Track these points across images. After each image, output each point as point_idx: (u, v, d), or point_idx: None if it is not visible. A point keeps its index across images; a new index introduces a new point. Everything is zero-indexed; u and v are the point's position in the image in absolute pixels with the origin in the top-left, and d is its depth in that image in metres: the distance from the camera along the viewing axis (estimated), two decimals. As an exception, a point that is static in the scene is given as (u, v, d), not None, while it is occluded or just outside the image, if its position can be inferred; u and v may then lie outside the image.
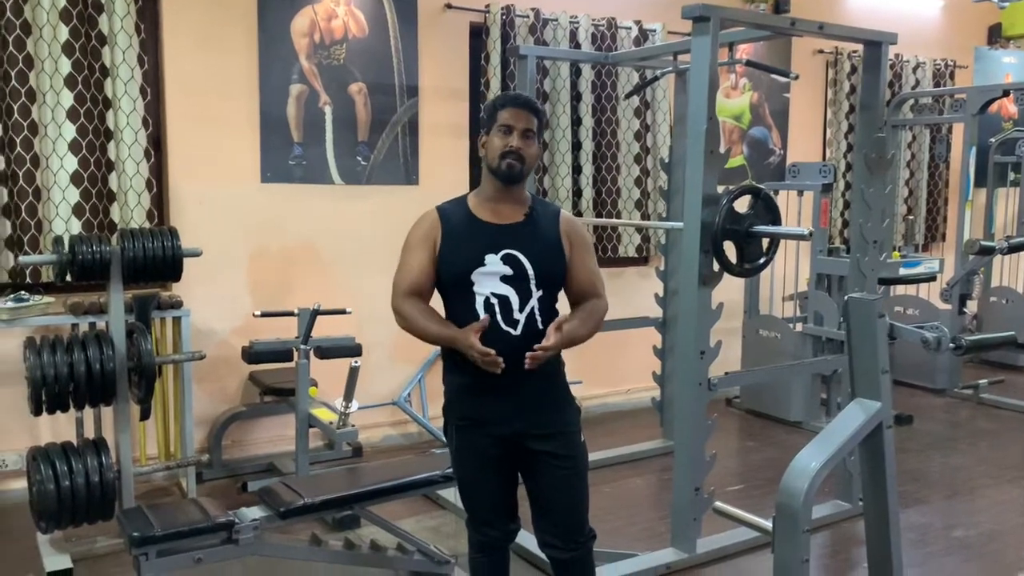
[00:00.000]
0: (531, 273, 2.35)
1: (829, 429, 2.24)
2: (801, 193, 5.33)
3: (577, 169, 5.27)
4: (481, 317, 2.31)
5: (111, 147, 4.04)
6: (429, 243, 2.39)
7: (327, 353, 4.07)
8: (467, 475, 2.47)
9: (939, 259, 5.91)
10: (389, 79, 4.72)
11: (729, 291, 4.26)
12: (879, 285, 3.84)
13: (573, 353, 2.51)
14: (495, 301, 2.33)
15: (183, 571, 2.69)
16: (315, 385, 4.07)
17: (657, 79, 4.88)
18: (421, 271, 2.39)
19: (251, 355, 4.09)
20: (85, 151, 3.97)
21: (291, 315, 3.99)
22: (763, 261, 3.41)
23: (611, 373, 5.51)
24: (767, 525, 2.21)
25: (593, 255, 2.53)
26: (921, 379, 6.16)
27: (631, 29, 5.32)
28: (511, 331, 2.32)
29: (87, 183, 3.99)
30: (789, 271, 5.56)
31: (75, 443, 3.27)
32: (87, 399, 3.26)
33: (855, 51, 6.31)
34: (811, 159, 6.20)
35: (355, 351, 4.10)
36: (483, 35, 4.92)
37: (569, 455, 2.41)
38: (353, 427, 3.58)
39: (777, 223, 3.37)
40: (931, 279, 5.83)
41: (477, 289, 2.33)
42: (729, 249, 3.30)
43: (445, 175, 4.87)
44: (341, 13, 4.55)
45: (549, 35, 5.07)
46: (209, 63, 4.27)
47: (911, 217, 6.76)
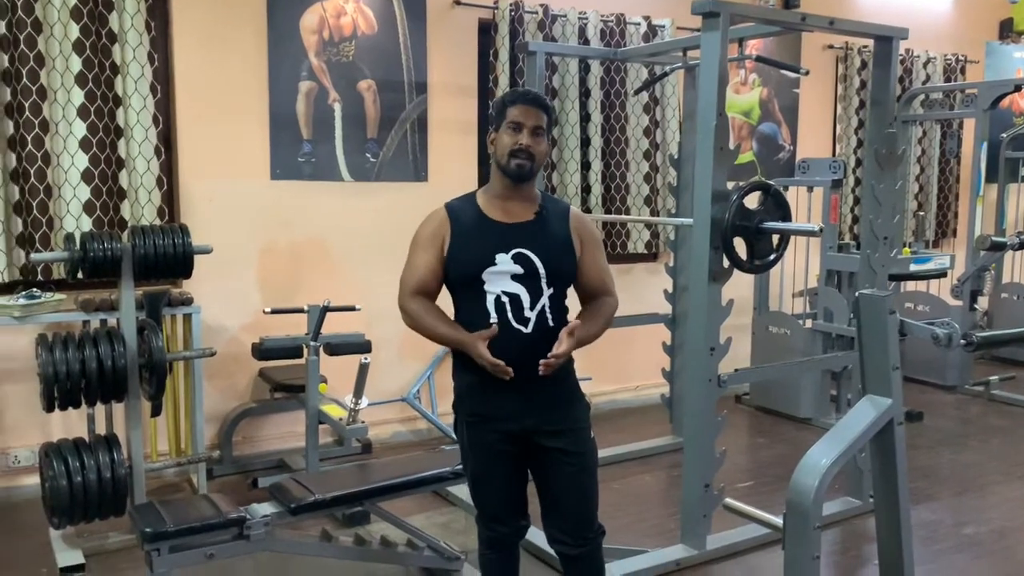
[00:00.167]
0: (542, 271, 2.35)
1: (840, 426, 2.24)
2: (811, 189, 5.32)
3: (586, 165, 5.27)
4: (492, 315, 2.32)
5: (121, 145, 4.06)
6: (437, 242, 2.39)
7: (337, 350, 4.08)
8: (477, 471, 2.47)
9: (950, 255, 5.89)
10: (398, 76, 4.72)
11: (739, 287, 4.25)
12: (889, 281, 3.83)
13: (582, 350, 2.51)
14: (506, 299, 2.33)
15: (195, 567, 2.70)
16: (325, 382, 4.08)
17: (666, 75, 4.86)
18: (429, 270, 2.39)
19: (261, 352, 4.10)
20: (96, 149, 3.99)
21: (301, 312, 4.00)
22: (773, 258, 3.41)
23: (620, 370, 5.50)
24: (777, 522, 2.21)
25: (603, 252, 2.53)
26: (932, 376, 6.13)
27: (640, 25, 5.31)
28: (522, 329, 2.32)
29: (98, 181, 4.01)
30: (799, 267, 5.54)
31: (87, 439, 3.29)
32: (99, 395, 3.28)
33: (865, 46, 6.28)
34: (821, 155, 6.18)
35: (365, 348, 4.11)
36: (492, 31, 4.92)
37: (579, 451, 2.41)
38: (363, 423, 3.59)
39: (787, 219, 3.37)
40: (942, 275, 5.80)
41: (488, 288, 2.33)
42: (739, 245, 3.30)
43: (454, 172, 4.87)
44: (350, 10, 4.56)
45: (558, 31, 5.06)
46: (219, 60, 4.28)
47: (922, 213, 6.73)
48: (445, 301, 2.46)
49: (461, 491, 3.71)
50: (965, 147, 6.92)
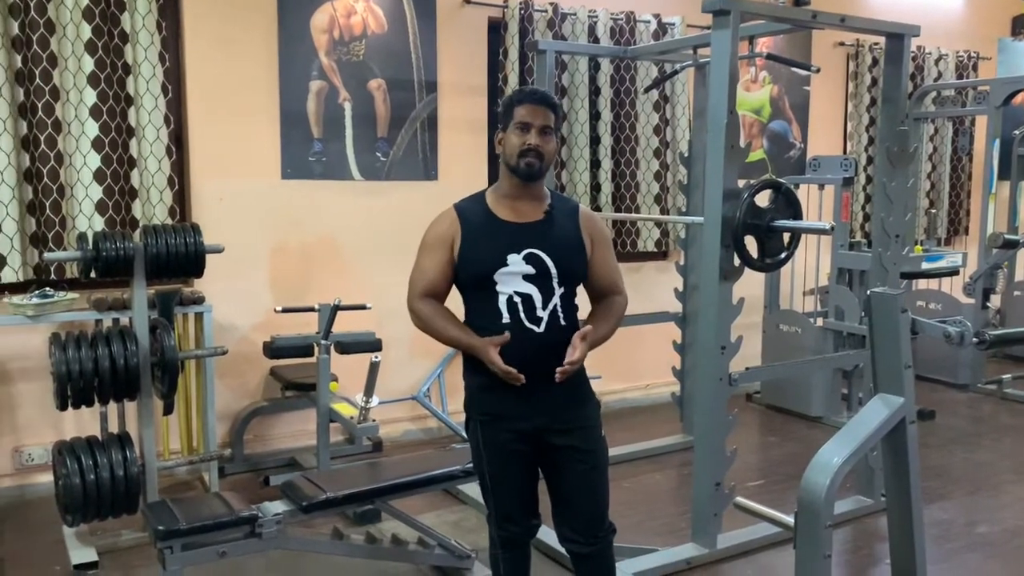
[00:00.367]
0: (554, 271, 2.35)
1: (851, 424, 2.23)
2: (822, 187, 5.30)
3: (596, 164, 5.26)
4: (504, 316, 2.32)
5: (133, 144, 4.08)
6: (447, 243, 2.40)
7: (347, 348, 4.09)
8: (489, 470, 2.47)
9: (962, 253, 5.86)
10: (408, 75, 4.73)
11: (749, 286, 4.23)
12: (901, 279, 3.81)
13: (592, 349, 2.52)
14: (518, 300, 2.33)
15: (207, 564, 2.71)
16: (336, 380, 4.09)
17: (676, 73, 4.86)
18: (438, 271, 2.40)
19: (272, 350, 4.12)
20: (108, 148, 4.01)
21: (312, 311, 4.01)
22: (784, 256, 3.40)
23: (630, 368, 5.50)
24: (789, 520, 2.21)
25: (612, 250, 2.53)
26: (944, 374, 6.11)
27: (650, 23, 5.30)
28: (534, 328, 2.33)
29: (110, 180, 4.03)
30: (810, 265, 5.53)
31: (100, 437, 3.31)
32: (111, 394, 3.29)
33: (877, 43, 6.25)
34: (832, 152, 6.16)
35: (375, 346, 4.12)
36: (501, 30, 4.92)
37: (589, 449, 2.42)
38: (373, 422, 3.60)
39: (798, 217, 3.36)
40: (954, 273, 5.77)
41: (500, 288, 2.34)
42: (750, 244, 3.29)
43: (464, 171, 4.87)
44: (360, 9, 4.56)
45: (567, 29, 5.06)
46: (229, 60, 4.29)
47: (933, 211, 6.70)
48: (454, 301, 2.46)
49: (472, 489, 3.71)
50: (977, 144, 6.87)
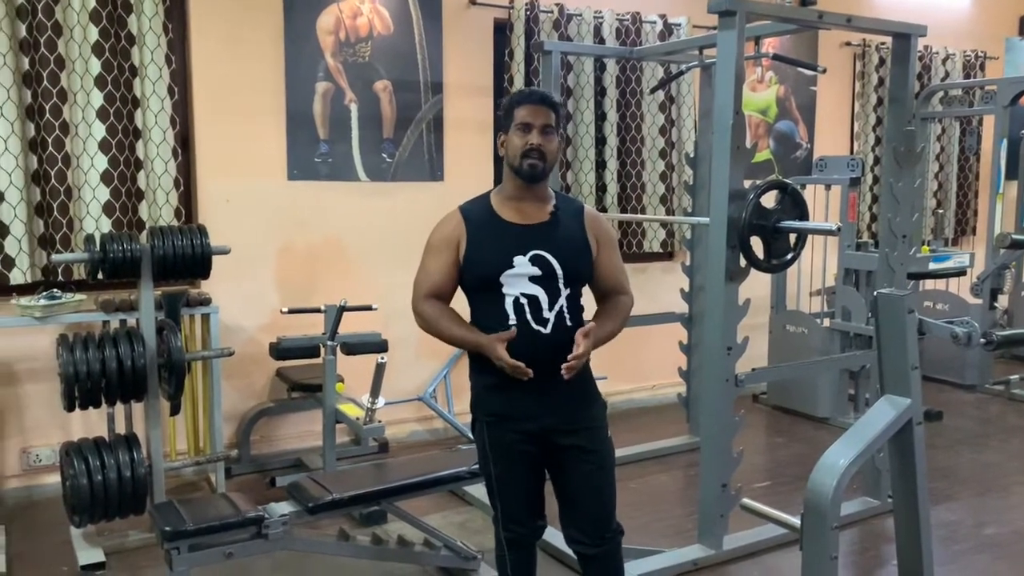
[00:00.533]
0: (559, 273, 2.35)
1: (858, 425, 2.22)
2: (829, 187, 5.29)
3: (601, 164, 5.26)
4: (511, 317, 2.32)
5: (140, 146, 4.09)
6: (452, 245, 2.40)
7: (354, 349, 4.10)
8: (495, 471, 2.47)
9: (969, 253, 5.84)
10: (414, 76, 4.73)
11: (756, 286, 4.24)
12: (908, 280, 3.80)
13: (598, 349, 2.51)
14: (524, 301, 2.33)
15: (213, 565, 2.72)
16: (342, 381, 4.09)
17: (682, 74, 4.85)
18: (443, 273, 2.40)
19: (279, 351, 4.12)
20: (115, 150, 4.02)
21: (318, 312, 4.02)
22: (790, 257, 3.39)
23: (636, 369, 5.49)
24: (795, 522, 2.20)
25: (617, 250, 2.53)
26: (951, 375, 6.09)
27: (656, 23, 5.30)
28: (541, 330, 2.33)
29: (117, 182, 4.04)
30: (816, 266, 5.52)
31: (107, 438, 3.32)
32: (118, 395, 3.30)
33: (883, 43, 6.23)
34: (839, 153, 6.15)
35: (381, 347, 4.12)
36: (507, 31, 4.92)
37: (596, 449, 2.42)
38: (379, 423, 3.61)
39: (804, 218, 3.35)
40: (961, 273, 5.75)
41: (506, 290, 2.34)
42: (756, 244, 3.28)
43: (470, 171, 4.88)
44: (366, 11, 4.57)
45: (573, 30, 5.06)
46: (236, 61, 4.30)
47: (941, 211, 6.67)
48: (459, 304, 2.47)
49: (478, 491, 3.72)
50: (985, 144, 6.85)
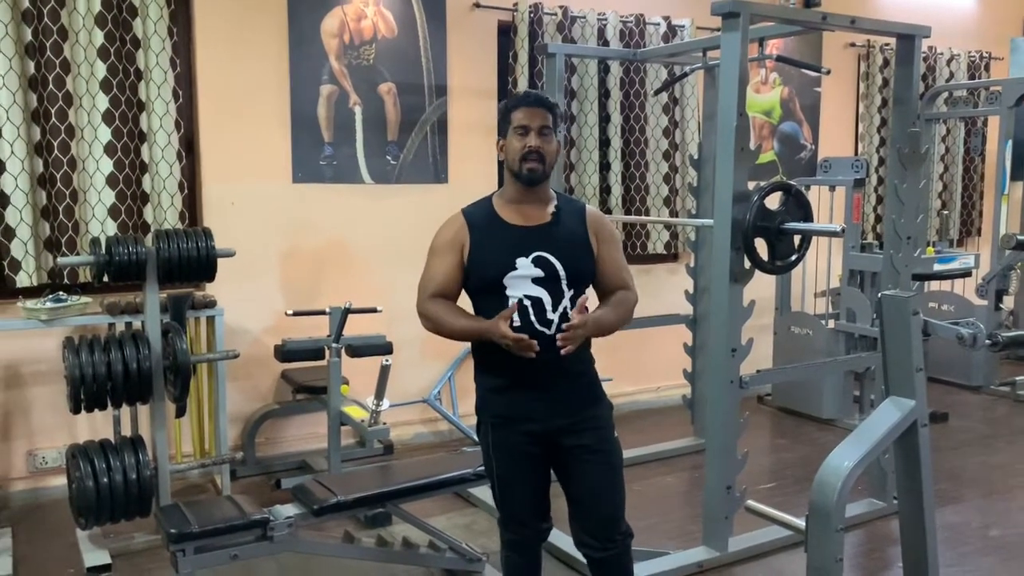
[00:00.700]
0: (562, 274, 2.35)
1: (863, 427, 2.22)
2: (833, 188, 5.28)
3: (605, 166, 5.26)
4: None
5: (145, 149, 4.10)
6: (456, 247, 2.40)
7: (358, 351, 4.10)
8: (501, 473, 2.47)
9: (974, 254, 5.82)
10: (418, 79, 4.74)
11: (760, 288, 4.23)
12: (913, 281, 3.80)
13: (603, 350, 2.52)
14: (528, 303, 2.33)
15: (219, 567, 2.72)
16: (347, 383, 4.10)
17: (686, 75, 4.85)
18: (448, 275, 2.40)
19: (283, 353, 4.13)
20: (120, 153, 4.03)
21: (323, 314, 4.03)
22: (795, 258, 3.39)
23: (641, 370, 5.49)
24: (800, 524, 2.20)
25: (620, 249, 2.53)
26: (957, 376, 6.07)
27: (659, 25, 5.30)
28: (546, 331, 2.33)
29: (122, 185, 4.05)
30: (821, 267, 5.51)
31: (113, 441, 3.33)
32: (124, 397, 3.31)
33: (888, 44, 6.23)
34: (843, 154, 6.14)
35: (386, 349, 4.13)
36: (511, 33, 4.93)
37: (602, 449, 2.41)
38: (384, 425, 3.61)
39: (809, 219, 3.35)
40: (966, 275, 5.74)
41: (510, 292, 2.34)
42: (760, 246, 3.28)
43: (474, 174, 4.88)
44: (370, 13, 4.58)
45: (577, 32, 5.06)
46: (240, 65, 4.31)
47: (946, 212, 6.66)
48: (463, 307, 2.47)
49: (483, 493, 3.72)
50: (990, 145, 6.83)
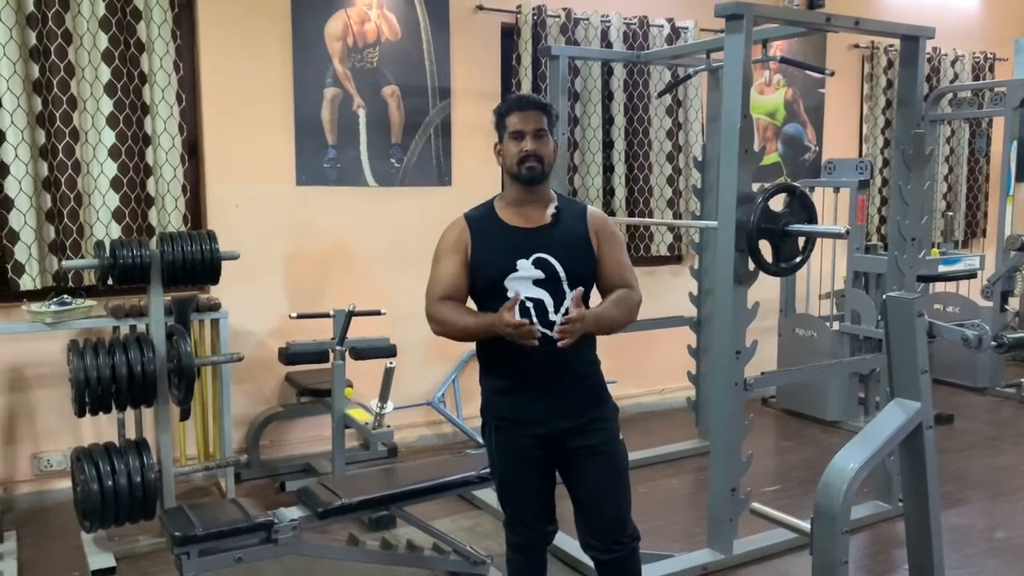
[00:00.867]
0: (563, 275, 2.35)
1: (868, 429, 2.22)
2: (837, 190, 5.27)
3: (609, 168, 5.26)
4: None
5: (149, 152, 4.11)
6: (460, 249, 2.40)
7: (362, 354, 4.10)
8: (506, 475, 2.47)
9: (979, 255, 5.81)
10: (422, 81, 4.74)
11: (764, 290, 4.22)
12: (918, 283, 3.79)
13: (607, 352, 2.51)
14: (530, 305, 2.33)
15: (223, 570, 2.73)
16: (351, 386, 4.10)
17: (690, 77, 4.85)
18: (455, 276, 2.40)
19: (288, 356, 4.14)
20: (124, 157, 4.04)
21: (327, 317, 4.03)
22: (799, 260, 3.38)
23: (645, 373, 5.48)
24: (805, 526, 2.20)
25: (623, 248, 2.50)
26: (962, 378, 6.06)
27: (663, 27, 5.30)
28: (547, 332, 2.31)
29: (126, 188, 4.06)
30: (825, 269, 5.50)
31: (117, 444, 3.33)
32: (129, 400, 3.32)
33: (892, 45, 6.22)
34: (847, 155, 6.13)
35: (390, 352, 4.13)
36: (514, 36, 4.93)
37: (608, 451, 2.40)
38: (388, 427, 3.60)
39: (813, 221, 3.34)
40: (971, 276, 5.73)
41: (511, 295, 2.33)
42: (764, 248, 3.28)
43: (478, 176, 4.88)
44: (374, 16, 4.59)
45: (580, 34, 5.06)
46: (244, 68, 4.32)
47: (950, 213, 6.65)
48: (469, 307, 2.46)
49: (487, 495, 3.72)
50: (995, 146, 6.82)
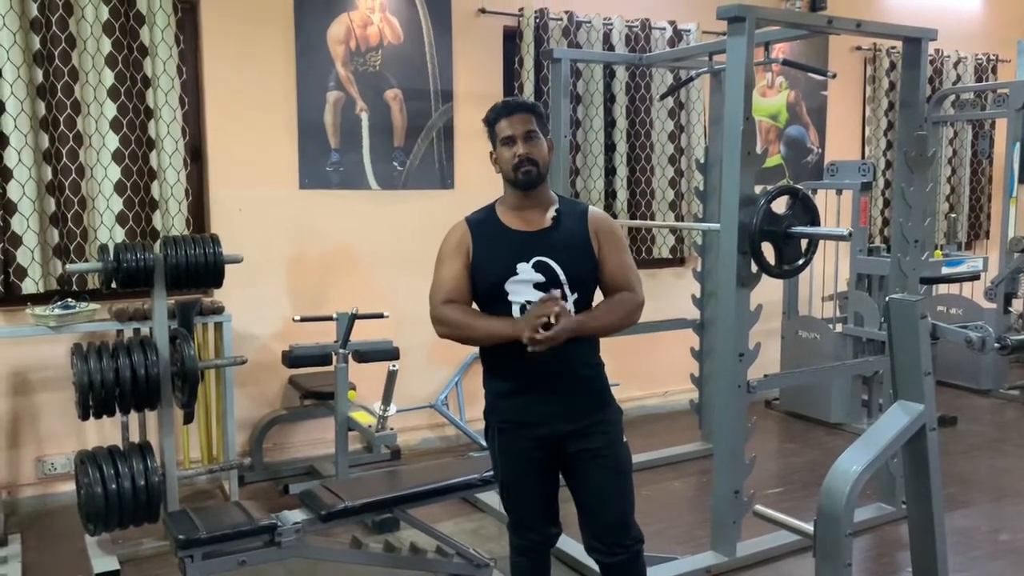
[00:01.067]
0: (563, 278, 2.34)
1: (871, 432, 2.22)
2: (840, 192, 5.27)
3: (611, 171, 5.26)
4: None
5: (153, 156, 4.11)
6: (462, 252, 2.40)
7: (365, 357, 4.11)
8: (509, 478, 2.47)
9: (983, 257, 5.81)
10: (424, 84, 4.75)
11: (767, 292, 4.22)
12: (921, 285, 3.79)
13: (610, 355, 2.51)
14: (530, 307, 2.32)
15: (227, 573, 2.73)
16: (354, 388, 4.11)
17: (692, 80, 4.85)
18: (458, 279, 2.39)
19: (291, 359, 4.14)
20: (128, 160, 4.05)
21: (330, 320, 4.04)
22: (802, 262, 3.38)
23: (648, 375, 5.48)
24: (808, 529, 2.20)
25: (625, 249, 2.47)
26: (965, 379, 6.05)
27: (665, 30, 5.30)
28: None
29: (130, 192, 4.06)
30: (828, 271, 5.50)
31: (121, 447, 3.34)
32: (132, 404, 3.33)
33: (894, 47, 6.22)
34: (850, 157, 6.12)
35: (393, 355, 4.13)
36: (517, 39, 4.93)
37: (611, 454, 2.40)
38: (391, 430, 3.61)
39: (816, 223, 3.34)
40: (974, 278, 5.72)
41: (512, 298, 2.34)
42: (767, 250, 3.28)
43: (480, 179, 4.84)
44: (376, 20, 4.59)
45: (583, 37, 5.07)
46: (247, 72, 4.33)
47: (953, 215, 6.64)
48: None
49: (490, 498, 3.72)
50: (997, 147, 6.82)
